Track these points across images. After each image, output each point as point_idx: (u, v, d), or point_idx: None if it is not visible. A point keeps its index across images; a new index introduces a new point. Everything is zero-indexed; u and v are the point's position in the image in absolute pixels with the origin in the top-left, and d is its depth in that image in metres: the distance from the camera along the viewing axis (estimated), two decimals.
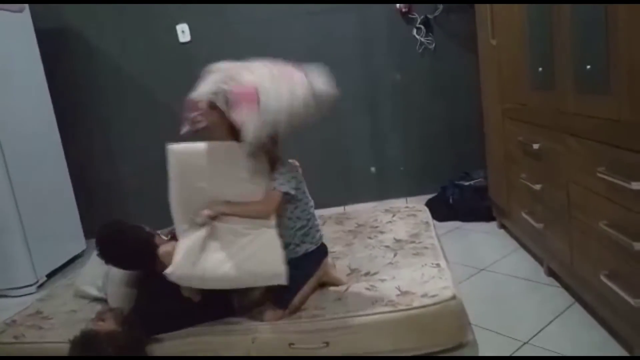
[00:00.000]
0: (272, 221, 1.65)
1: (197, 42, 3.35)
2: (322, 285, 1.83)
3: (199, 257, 1.58)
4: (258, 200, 1.65)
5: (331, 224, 2.51)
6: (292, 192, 1.66)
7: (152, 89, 3.45)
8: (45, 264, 2.94)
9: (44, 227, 2.96)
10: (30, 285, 2.82)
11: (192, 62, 3.45)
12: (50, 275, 2.95)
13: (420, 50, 3.33)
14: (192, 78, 3.15)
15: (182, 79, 3.41)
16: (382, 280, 1.81)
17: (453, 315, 1.62)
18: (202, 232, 1.59)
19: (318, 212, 2.77)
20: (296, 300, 1.68)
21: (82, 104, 3.51)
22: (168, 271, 1.56)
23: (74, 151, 3.36)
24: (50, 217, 3.04)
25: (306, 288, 1.72)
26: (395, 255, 2.03)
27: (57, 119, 3.22)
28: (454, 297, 1.61)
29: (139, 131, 3.50)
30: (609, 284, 1.46)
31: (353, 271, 1.93)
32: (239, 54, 3.82)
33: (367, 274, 1.91)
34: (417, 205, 2.85)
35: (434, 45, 3.33)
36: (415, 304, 1.61)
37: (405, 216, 2.57)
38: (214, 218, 1.60)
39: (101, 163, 3.57)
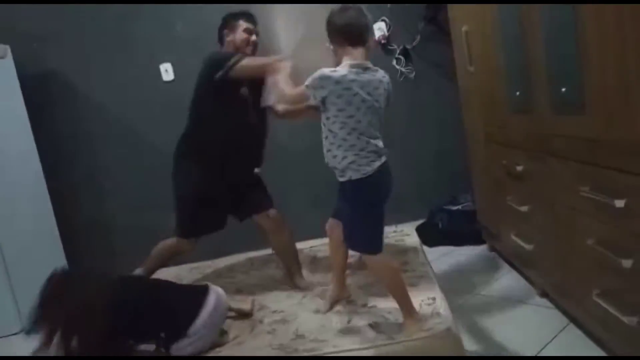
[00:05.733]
0: None
1: (180, 80, 3.38)
2: None
3: None
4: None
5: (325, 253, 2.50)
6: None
7: (136, 128, 3.46)
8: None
9: (29, 272, 2.89)
10: (16, 334, 2.73)
11: (176, 101, 3.47)
12: None
13: (401, 79, 3.39)
14: (176, 116, 3.17)
15: (166, 118, 3.45)
16: (381, 312, 1.79)
17: (449, 346, 1.60)
18: None
19: (309, 243, 2.74)
20: None
21: (67, 149, 3.50)
22: None
23: (59, 194, 3.32)
24: (35, 262, 2.97)
25: None
26: None
27: (42, 164, 3.19)
28: (449, 329, 1.61)
29: (124, 171, 3.49)
30: (601, 302, 1.46)
31: (350, 302, 1.92)
32: None
33: (364, 305, 1.91)
34: (405, 229, 2.85)
35: (414, 74, 3.39)
36: (414, 335, 1.60)
37: (393, 242, 2.57)
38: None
39: (87, 204, 3.53)
